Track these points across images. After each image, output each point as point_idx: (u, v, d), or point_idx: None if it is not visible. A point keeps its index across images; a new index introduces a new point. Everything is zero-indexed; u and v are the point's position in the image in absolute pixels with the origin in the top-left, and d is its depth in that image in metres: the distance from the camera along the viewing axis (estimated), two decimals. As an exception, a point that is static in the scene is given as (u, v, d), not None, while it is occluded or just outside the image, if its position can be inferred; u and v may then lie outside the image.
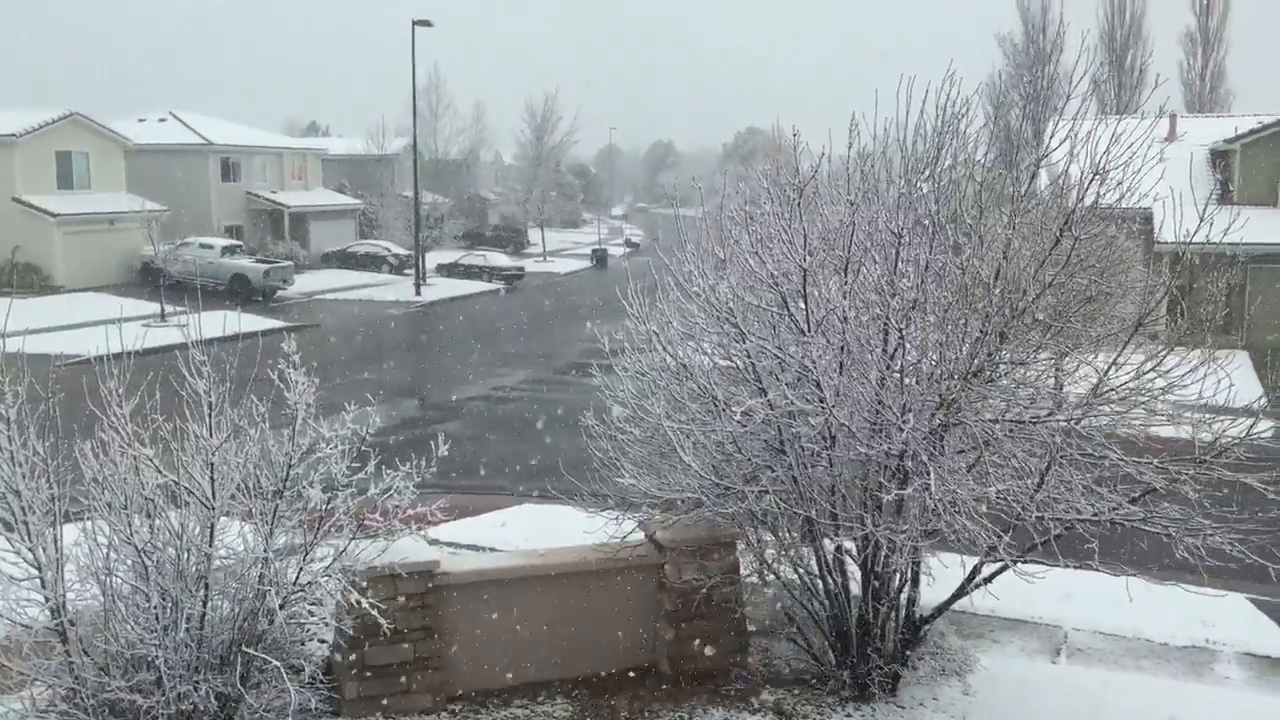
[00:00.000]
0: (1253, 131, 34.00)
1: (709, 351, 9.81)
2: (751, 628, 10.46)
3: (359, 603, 8.20)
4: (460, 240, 72.63)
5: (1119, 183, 8.93)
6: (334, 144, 76.35)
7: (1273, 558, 8.59)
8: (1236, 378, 8.90)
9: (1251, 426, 8.83)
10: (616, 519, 9.95)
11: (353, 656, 8.69)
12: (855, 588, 9.58)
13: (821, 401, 8.59)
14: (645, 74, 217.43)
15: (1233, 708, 10.21)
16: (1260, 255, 30.74)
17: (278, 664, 7.84)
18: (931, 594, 9.89)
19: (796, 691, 9.67)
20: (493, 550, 12.79)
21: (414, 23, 49.14)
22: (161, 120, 57.22)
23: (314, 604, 8.50)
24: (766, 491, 9.10)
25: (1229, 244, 9.08)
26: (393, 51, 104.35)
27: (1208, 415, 8.87)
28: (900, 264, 8.91)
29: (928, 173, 9.37)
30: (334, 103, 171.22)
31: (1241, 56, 61.75)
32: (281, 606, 8.02)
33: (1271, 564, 8.60)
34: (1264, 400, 9.30)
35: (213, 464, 7.94)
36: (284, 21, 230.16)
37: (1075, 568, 8.72)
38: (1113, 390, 8.74)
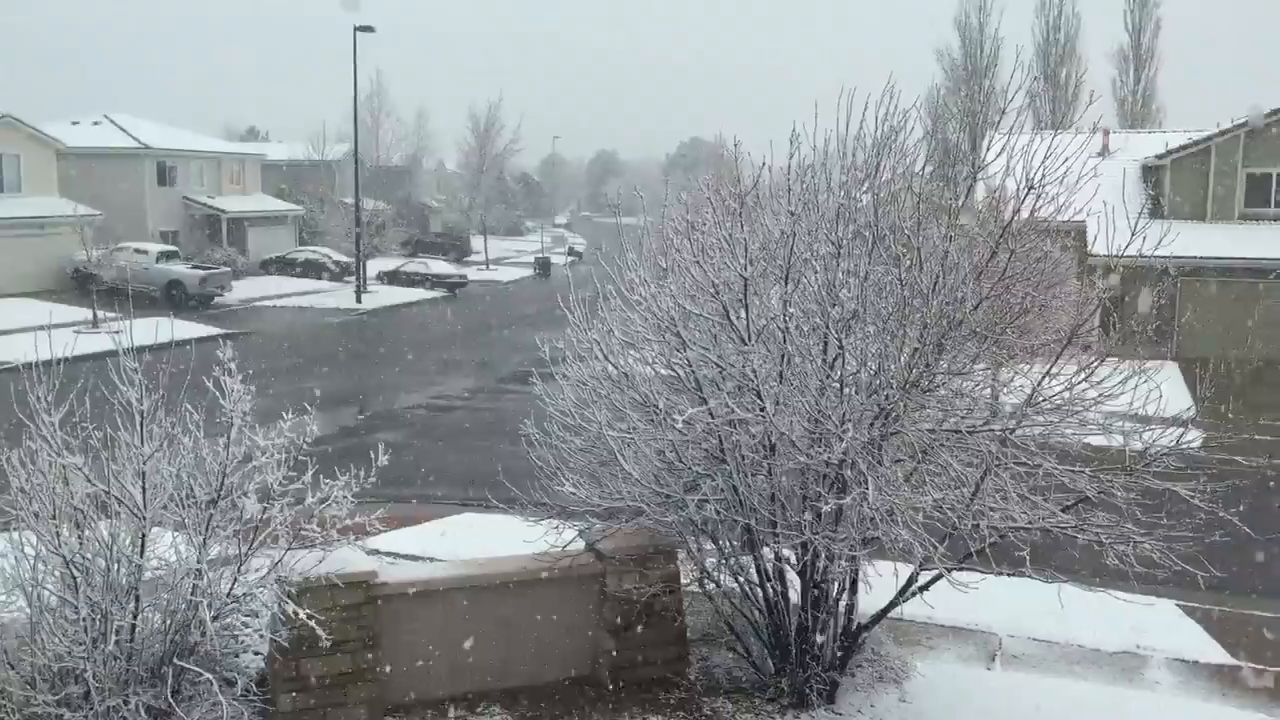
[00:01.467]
0: (1183, 147, 34.78)
1: (650, 360, 9.83)
2: (692, 637, 10.48)
3: (295, 614, 8.09)
4: (402, 248, 72.07)
5: (1053, 197, 9.09)
6: (273, 149, 75.40)
7: (1200, 565, 8.79)
8: (1166, 388, 9.10)
9: (1180, 436, 9.04)
10: (557, 528, 9.92)
11: (288, 668, 8.57)
12: (795, 596, 9.63)
13: (762, 411, 8.64)
14: (590, 83, 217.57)
15: (1163, 713, 10.40)
16: (1190, 268, 31.47)
17: (210, 677, 7.71)
18: (869, 602, 9.98)
19: (736, 700, 9.69)
20: (433, 560, 12.69)
21: (356, 28, 48.74)
22: (95, 123, 56.10)
23: (249, 615, 8.38)
24: (707, 500, 9.14)
25: (1160, 257, 9.28)
26: (334, 57, 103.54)
27: (1138, 425, 9.06)
28: (840, 274, 9.00)
29: (867, 184, 9.48)
30: (274, 108, 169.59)
31: (1172, 74, 63.27)
32: (215, 618, 7.90)
33: (1199, 571, 8.80)
34: (1193, 410, 9.52)
35: (144, 473, 7.80)
36: (223, 25, 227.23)
37: (1009, 575, 8.86)
38: (1046, 400, 8.90)
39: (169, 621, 8.01)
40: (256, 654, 9.11)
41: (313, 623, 8.12)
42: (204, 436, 8.28)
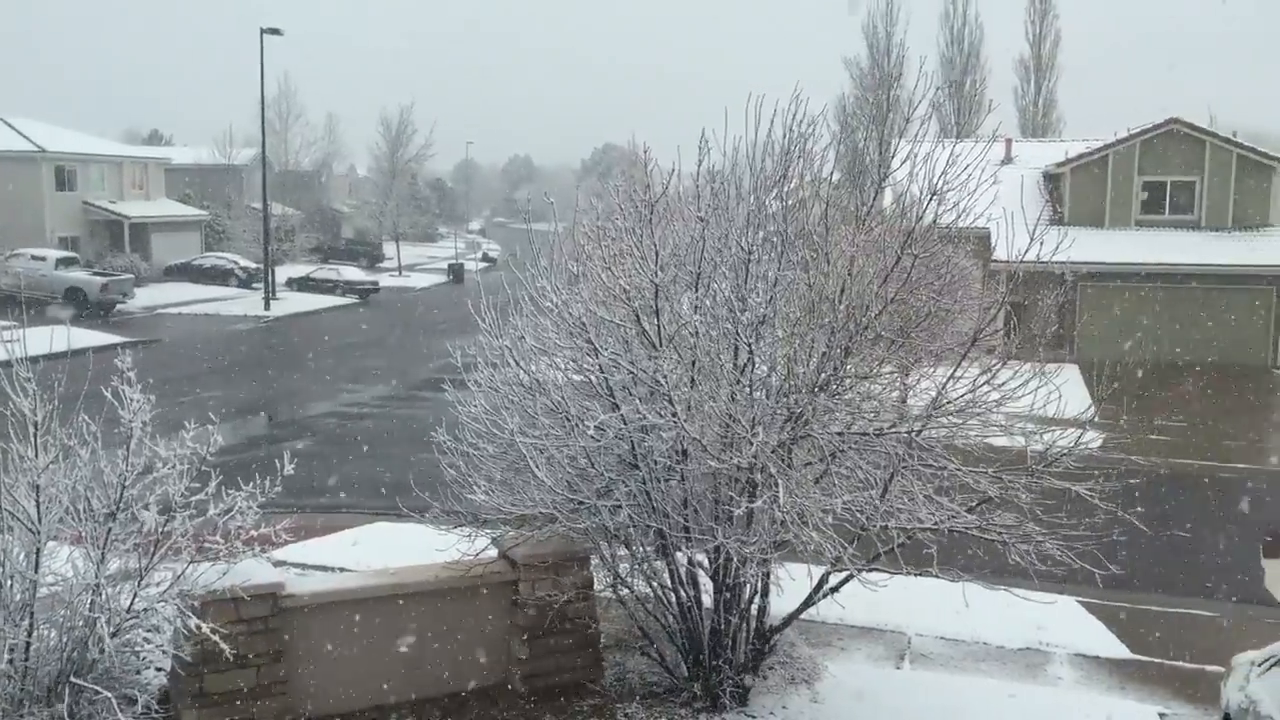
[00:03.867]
0: (1081, 156, 35.82)
1: (562, 366, 9.81)
2: (606, 643, 10.47)
3: (198, 628, 7.91)
4: (312, 254, 70.98)
5: (955, 203, 9.29)
6: (178, 153, 73.65)
7: (1099, 563, 9.04)
8: (1066, 390, 9.34)
9: (1079, 436, 9.30)
10: (470, 536, 9.84)
11: (191, 684, 8.36)
12: (707, 600, 9.69)
13: (674, 416, 8.67)
14: (504, 89, 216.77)
15: (1066, 708, 10.66)
16: (1088, 273, 32.40)
17: (109, 695, 7.50)
18: (781, 604, 10.08)
19: (650, 705, 9.71)
20: (343, 570, 12.50)
21: (263, 30, 47.91)
22: (-11, 126, 54.29)
23: (150, 631, 8.18)
24: (620, 506, 9.14)
25: (1059, 263, 9.53)
26: (241, 60, 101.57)
27: (1039, 426, 9.29)
28: (750, 280, 9.08)
29: (776, 191, 9.58)
30: (178, 111, 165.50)
31: (1072, 84, 65.17)
32: (114, 635, 7.69)
33: (1098, 569, 9.05)
34: (1092, 411, 9.80)
35: (39, 486, 7.57)
36: (124, 25, 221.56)
37: (917, 575, 9.01)
38: (951, 403, 9.08)
39: (66, 639, 7.77)
40: (159, 670, 8.88)
41: (216, 637, 7.95)
42: (102, 448, 8.06)
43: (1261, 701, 8.49)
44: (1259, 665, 8.95)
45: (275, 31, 48.12)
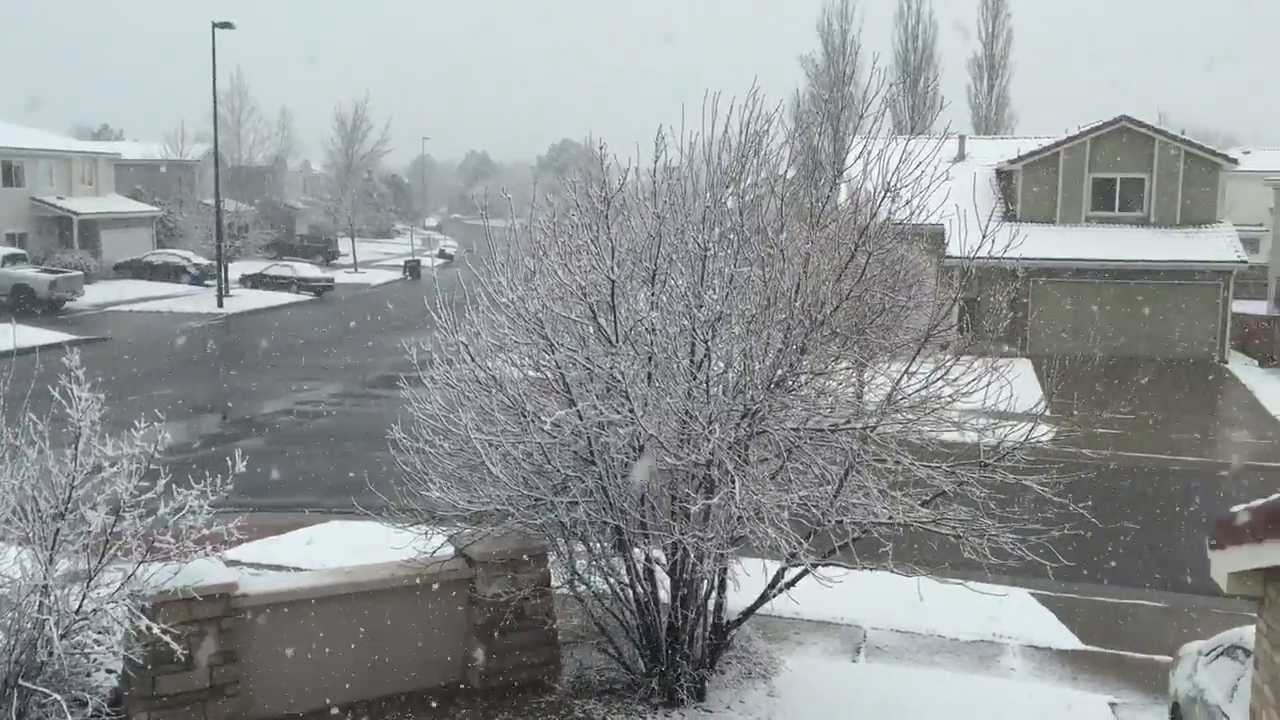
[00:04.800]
0: (1033, 153, 36.20)
1: (519, 363, 9.78)
2: (563, 639, 10.46)
3: (149, 629, 7.81)
4: (266, 250, 70.11)
5: (909, 200, 9.36)
6: (129, 148, 72.53)
7: (1050, 555, 9.16)
8: (1018, 385, 9.45)
9: (1031, 431, 9.41)
10: (426, 534, 9.80)
11: (143, 686, 8.26)
12: (665, 596, 9.70)
13: (630, 412, 8.68)
14: (460, 85, 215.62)
15: (1018, 698, 10.79)
16: (1039, 269, 32.77)
17: (59, 698, 7.40)
18: (738, 600, 10.12)
19: (607, 701, 9.71)
20: (297, 569, 12.39)
21: (214, 24, 47.28)
22: (-68, 119, 53.22)
23: (100, 632, 8.07)
24: (576, 502, 9.13)
25: (1011, 259, 9.64)
26: (192, 54, 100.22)
27: (992, 421, 9.40)
28: (706, 276, 9.10)
29: (733, 187, 9.60)
30: (129, 106, 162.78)
31: (1025, 82, 65.92)
32: (63, 636, 7.57)
33: (1049, 561, 9.17)
34: (1043, 405, 9.92)
35: (-16, 487, 7.43)
36: (73, 18, 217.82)
37: (872, 570, 9.08)
38: (905, 398, 9.15)
39: (13, 641, 7.65)
40: (110, 672, 8.76)
41: (168, 638, 7.86)
42: (50, 447, 7.93)
43: (1208, 690, 8.63)
44: (1206, 655, 9.10)
45: (227, 25, 47.49)
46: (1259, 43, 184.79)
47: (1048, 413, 10.24)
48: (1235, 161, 36.34)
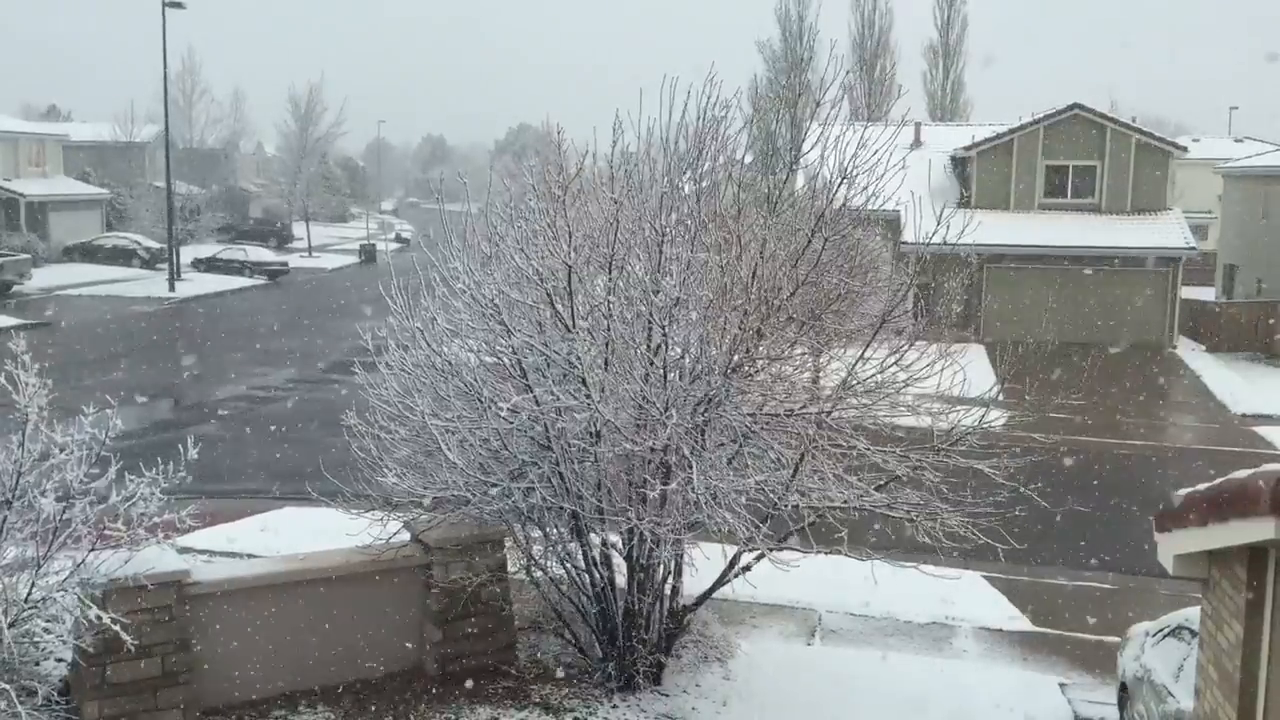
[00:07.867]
0: (987, 140, 36.50)
1: (475, 348, 9.73)
2: (520, 625, 10.45)
3: (99, 618, 7.71)
4: (220, 234, 69.21)
5: (865, 186, 9.41)
6: (77, 129, 71.19)
7: (1001, 538, 9.28)
8: (972, 370, 9.57)
9: (984, 415, 9.51)
10: (382, 520, 9.73)
11: (92, 675, 8.16)
12: (621, 581, 9.72)
13: (587, 398, 8.67)
14: (416, 68, 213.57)
15: (969, 679, 10.94)
16: (993, 255, 33.09)
17: (7, 686, 7.30)
18: (694, 584, 10.17)
19: (564, 686, 9.73)
20: (251, 556, 12.28)
21: (165, 3, 46.51)
22: (-127, 98, 51.95)
23: (49, 621, 7.95)
24: (533, 488, 9.12)
25: (965, 245, 9.73)
26: (142, 33, 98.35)
27: (946, 406, 9.49)
28: (663, 262, 9.09)
29: (689, 173, 9.61)
30: (77, 86, 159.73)
31: (980, 69, 66.37)
32: (11, 625, 7.47)
33: (1001, 544, 9.29)
34: (996, 390, 10.03)
35: (-71, 474, 7.29)
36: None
37: (827, 554, 9.15)
38: (860, 383, 9.22)
39: (-41, 630, 7.52)
40: (60, 661, 8.66)
41: (118, 627, 7.76)
42: (-4, 434, 7.80)
43: (1155, 670, 8.80)
44: (1153, 635, 9.27)
45: (178, 4, 46.74)
46: (1211, 31, 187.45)
47: (1000, 398, 10.35)
48: (1185, 150, 36.87)
